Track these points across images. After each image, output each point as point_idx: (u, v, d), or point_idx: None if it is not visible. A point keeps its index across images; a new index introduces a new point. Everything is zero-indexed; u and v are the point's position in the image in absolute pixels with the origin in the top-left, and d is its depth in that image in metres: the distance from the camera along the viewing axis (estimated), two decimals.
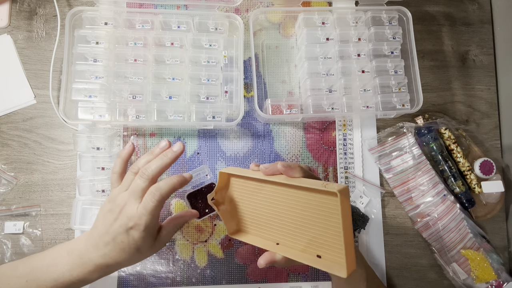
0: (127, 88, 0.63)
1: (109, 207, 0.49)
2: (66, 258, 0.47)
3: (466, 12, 0.78)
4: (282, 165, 0.43)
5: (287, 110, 0.65)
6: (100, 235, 0.47)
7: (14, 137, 0.67)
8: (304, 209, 0.43)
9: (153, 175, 0.48)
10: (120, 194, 0.49)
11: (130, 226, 0.46)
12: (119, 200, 0.48)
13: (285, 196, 0.45)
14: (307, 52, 0.67)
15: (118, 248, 0.46)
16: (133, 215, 0.46)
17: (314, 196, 0.41)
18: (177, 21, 0.65)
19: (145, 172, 0.48)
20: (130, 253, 0.47)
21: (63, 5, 0.71)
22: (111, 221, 0.47)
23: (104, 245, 0.47)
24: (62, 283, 0.46)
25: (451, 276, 0.66)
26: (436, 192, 0.67)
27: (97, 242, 0.47)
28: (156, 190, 0.47)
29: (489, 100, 0.75)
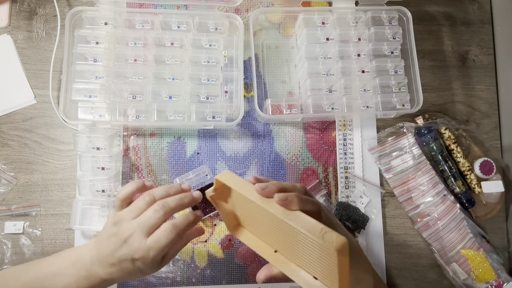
0: (127, 88, 0.63)
1: (114, 231, 0.46)
2: (71, 268, 0.47)
3: (466, 12, 0.78)
4: (278, 196, 0.39)
5: (287, 110, 0.65)
6: (105, 256, 0.46)
7: (14, 137, 0.67)
8: (303, 244, 0.40)
9: (171, 213, 0.46)
10: (126, 222, 0.45)
11: (135, 258, 0.44)
12: (124, 227, 0.45)
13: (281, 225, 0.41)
14: (307, 52, 0.67)
15: (123, 271, 0.46)
16: (138, 249, 0.44)
17: (312, 241, 0.38)
18: (177, 21, 0.66)
19: (163, 207, 0.45)
20: (135, 275, 0.47)
21: (63, 5, 0.71)
22: (116, 247, 0.45)
23: (110, 266, 0.46)
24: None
25: (451, 276, 0.66)
26: (436, 192, 0.67)
27: (103, 261, 0.46)
28: (173, 228, 0.44)
29: (489, 100, 0.75)
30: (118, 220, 0.46)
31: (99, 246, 0.47)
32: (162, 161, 0.68)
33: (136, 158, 0.67)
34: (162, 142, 0.68)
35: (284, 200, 0.39)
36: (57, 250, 0.64)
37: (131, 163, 0.67)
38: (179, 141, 0.69)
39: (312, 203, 0.42)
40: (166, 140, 0.68)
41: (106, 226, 0.48)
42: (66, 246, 0.64)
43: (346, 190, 0.69)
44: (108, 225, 0.47)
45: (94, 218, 0.63)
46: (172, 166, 0.68)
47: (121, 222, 0.46)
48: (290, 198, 0.40)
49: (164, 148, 0.68)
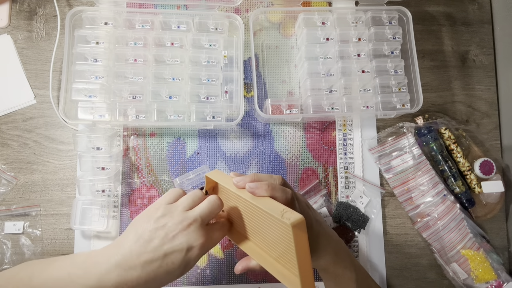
0: (127, 88, 0.63)
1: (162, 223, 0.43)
2: (82, 277, 0.41)
3: (466, 12, 0.78)
4: (249, 185, 0.42)
5: (287, 110, 0.65)
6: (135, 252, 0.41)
7: (14, 137, 0.67)
8: (270, 228, 0.42)
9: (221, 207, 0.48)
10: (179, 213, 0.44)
11: (193, 246, 0.42)
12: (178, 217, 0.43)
13: (255, 212, 0.44)
14: (307, 52, 0.67)
15: (164, 270, 0.41)
16: (200, 236, 0.43)
17: (275, 220, 0.40)
18: (177, 21, 0.65)
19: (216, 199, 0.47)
20: (173, 276, 0.42)
21: (63, 5, 0.71)
22: (165, 239, 0.42)
23: (142, 266, 0.41)
24: None
25: (451, 276, 0.66)
26: (436, 192, 0.67)
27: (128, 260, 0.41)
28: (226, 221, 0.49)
29: (489, 100, 0.75)
30: (168, 211, 0.44)
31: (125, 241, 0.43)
32: (162, 161, 0.68)
33: (136, 158, 0.67)
34: (162, 142, 0.68)
35: (254, 187, 0.43)
36: (57, 250, 0.64)
37: (131, 163, 0.67)
38: (179, 141, 0.69)
39: (284, 191, 0.44)
40: (166, 140, 0.68)
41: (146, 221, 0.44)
42: (66, 246, 0.64)
43: (346, 190, 0.69)
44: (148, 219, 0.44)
45: (94, 218, 0.63)
46: (172, 166, 0.68)
47: (172, 213, 0.44)
48: (259, 185, 0.43)
49: (164, 148, 0.68)
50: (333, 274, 0.50)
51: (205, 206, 0.45)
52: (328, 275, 0.51)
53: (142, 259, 0.41)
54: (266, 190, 0.43)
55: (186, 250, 0.42)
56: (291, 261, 0.41)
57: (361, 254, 0.67)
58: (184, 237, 0.42)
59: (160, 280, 0.42)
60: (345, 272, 0.50)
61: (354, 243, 0.67)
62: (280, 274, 0.43)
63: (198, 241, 0.43)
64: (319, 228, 0.48)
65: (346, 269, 0.51)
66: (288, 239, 0.39)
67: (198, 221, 0.44)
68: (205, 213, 0.45)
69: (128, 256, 0.41)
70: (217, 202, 0.47)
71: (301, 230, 0.38)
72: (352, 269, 0.51)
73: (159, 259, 0.41)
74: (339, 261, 0.50)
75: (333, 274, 0.50)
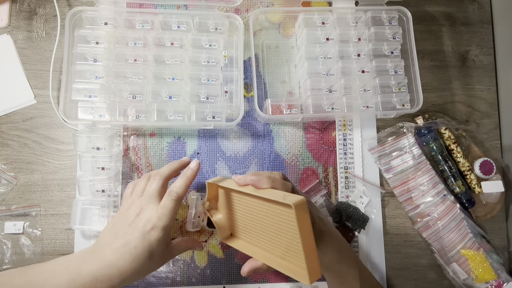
0: (127, 88, 0.63)
1: (121, 215, 0.48)
2: (63, 272, 0.44)
3: (466, 12, 0.78)
4: (251, 178, 0.44)
5: (287, 110, 0.65)
6: (106, 243, 0.45)
7: (14, 137, 0.67)
8: (273, 219, 0.43)
9: (166, 175, 0.49)
10: (135, 201, 0.48)
11: (149, 228, 0.45)
12: (135, 206, 0.48)
13: (258, 206, 0.45)
14: (307, 52, 0.67)
15: (129, 255, 0.44)
16: (151, 217, 0.46)
17: (277, 207, 0.42)
18: (177, 21, 0.65)
19: (157, 173, 0.49)
20: (140, 261, 0.45)
21: (63, 5, 0.71)
22: (124, 227, 0.46)
23: (112, 253, 0.44)
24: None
25: (451, 276, 0.66)
26: (436, 192, 0.67)
27: (101, 251, 0.45)
28: (172, 190, 0.48)
29: (489, 100, 0.75)
30: (126, 206, 0.49)
31: (100, 238, 0.48)
32: (162, 161, 0.68)
33: (136, 158, 0.67)
34: (162, 142, 0.68)
35: (255, 180, 0.44)
36: (57, 250, 0.64)
37: (131, 163, 0.67)
38: (179, 141, 0.69)
39: (284, 184, 0.46)
40: (166, 140, 0.68)
41: (112, 219, 0.50)
42: (66, 246, 0.64)
43: (346, 190, 0.69)
44: (113, 218, 0.50)
45: (94, 218, 0.63)
46: None
47: (128, 205, 0.49)
48: (261, 178, 0.44)
49: (164, 148, 0.68)
50: (337, 273, 0.50)
51: (148, 188, 0.49)
52: (332, 274, 0.51)
53: (112, 248, 0.45)
54: (267, 182, 0.44)
55: (141, 236, 0.45)
56: (297, 253, 0.41)
57: (361, 254, 0.67)
58: (137, 222, 0.46)
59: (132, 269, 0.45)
60: (349, 271, 0.50)
61: (354, 243, 0.67)
62: (286, 269, 0.43)
63: (150, 223, 0.45)
64: (322, 226, 0.48)
65: (350, 268, 0.50)
66: (291, 225, 0.40)
67: (146, 203, 0.47)
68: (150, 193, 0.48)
69: (100, 248, 0.46)
70: (157, 178, 0.50)
71: (303, 211, 0.38)
72: (356, 268, 0.51)
73: (123, 245, 0.45)
74: (343, 260, 0.50)
75: (337, 273, 0.50)
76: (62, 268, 0.45)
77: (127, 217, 0.47)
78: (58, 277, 0.44)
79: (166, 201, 0.47)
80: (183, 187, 0.49)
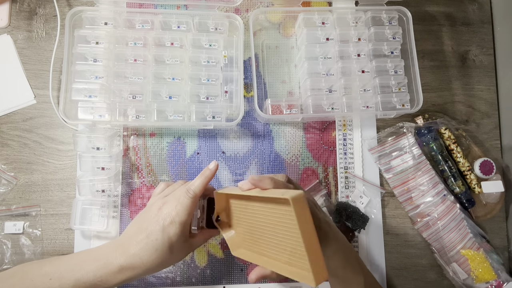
0: (127, 88, 0.63)
1: (146, 210, 0.51)
2: (92, 260, 0.48)
3: (466, 12, 0.78)
4: (253, 178, 0.45)
5: (287, 110, 0.65)
6: (132, 235, 0.48)
7: (14, 137, 0.67)
8: (277, 222, 0.43)
9: (199, 194, 0.50)
10: (160, 199, 0.51)
11: (168, 222, 0.47)
12: (158, 202, 0.50)
13: (263, 211, 0.45)
14: (307, 52, 0.67)
15: (151, 246, 0.47)
16: (171, 212, 0.48)
17: (279, 208, 0.41)
18: (177, 21, 0.65)
19: (192, 190, 0.50)
20: (162, 252, 0.47)
21: (63, 5, 0.71)
22: (147, 221, 0.49)
23: (136, 244, 0.47)
24: (84, 282, 0.46)
25: (451, 276, 0.66)
26: (436, 192, 0.67)
27: (127, 242, 0.48)
28: (190, 188, 0.50)
29: (489, 100, 0.75)
30: (151, 203, 0.53)
31: (126, 231, 0.51)
32: (162, 161, 0.68)
33: (136, 158, 0.67)
34: (162, 142, 0.68)
35: (257, 180, 0.45)
36: (57, 250, 0.64)
37: (131, 163, 0.67)
38: (179, 141, 0.69)
39: (287, 186, 0.47)
40: (166, 140, 0.68)
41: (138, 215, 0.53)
42: (66, 246, 0.64)
43: (346, 190, 0.69)
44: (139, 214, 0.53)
45: (94, 218, 0.63)
46: (172, 166, 0.68)
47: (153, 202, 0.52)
48: (263, 178, 0.45)
49: (164, 148, 0.68)
50: (342, 279, 0.50)
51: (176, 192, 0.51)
52: (337, 280, 0.50)
53: (136, 239, 0.48)
54: (269, 183, 0.44)
55: (161, 229, 0.47)
56: (301, 255, 0.39)
57: (361, 254, 0.67)
58: (157, 216, 0.48)
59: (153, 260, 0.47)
60: (354, 277, 0.50)
61: (354, 243, 0.67)
62: (293, 274, 0.42)
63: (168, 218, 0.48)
64: (328, 229, 0.48)
65: (355, 274, 0.50)
66: (292, 225, 0.38)
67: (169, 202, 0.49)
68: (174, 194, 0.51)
69: (127, 239, 0.49)
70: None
71: (301, 205, 0.37)
72: (361, 275, 0.51)
73: (145, 237, 0.47)
74: (348, 266, 0.49)
75: (342, 279, 0.50)
76: (92, 257, 0.48)
77: (151, 211, 0.50)
78: (87, 264, 0.47)
79: (183, 199, 0.49)
80: (200, 186, 0.50)
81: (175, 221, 0.48)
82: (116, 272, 0.47)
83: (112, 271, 0.47)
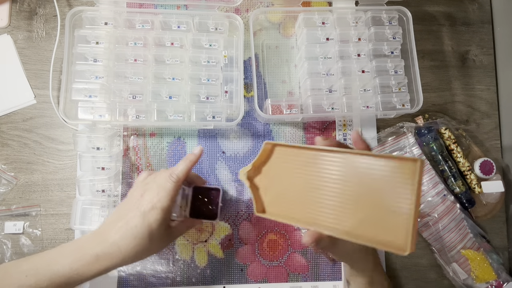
0: (127, 88, 0.63)
1: (127, 198, 0.50)
2: (68, 252, 0.46)
3: (466, 12, 0.78)
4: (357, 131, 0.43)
5: (287, 110, 0.65)
6: (110, 223, 0.47)
7: (14, 137, 0.67)
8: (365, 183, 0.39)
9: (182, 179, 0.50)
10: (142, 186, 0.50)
11: (148, 208, 0.46)
12: (140, 189, 0.49)
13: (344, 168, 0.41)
14: (307, 52, 0.67)
15: (129, 234, 0.45)
16: (152, 197, 0.47)
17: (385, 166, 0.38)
18: (177, 21, 0.65)
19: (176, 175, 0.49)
20: (141, 240, 0.45)
21: (63, 5, 0.71)
22: (127, 208, 0.47)
23: (115, 232, 0.46)
24: (59, 276, 0.44)
25: (451, 276, 0.66)
26: (436, 192, 0.67)
27: (105, 230, 0.47)
28: (173, 172, 0.49)
29: (489, 100, 0.75)
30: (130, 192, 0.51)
31: (105, 220, 0.50)
32: (162, 161, 0.68)
33: (136, 158, 0.67)
34: (162, 142, 0.68)
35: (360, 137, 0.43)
36: None
37: (131, 163, 0.67)
38: (179, 141, 0.69)
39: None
40: (166, 140, 0.68)
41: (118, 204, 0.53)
42: None
43: None
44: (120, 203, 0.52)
45: (94, 218, 0.63)
46: (172, 166, 0.67)
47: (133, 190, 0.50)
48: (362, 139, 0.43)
49: (164, 148, 0.68)
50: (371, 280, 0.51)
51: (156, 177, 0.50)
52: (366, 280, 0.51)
53: (115, 227, 0.46)
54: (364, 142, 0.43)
55: (141, 215, 0.46)
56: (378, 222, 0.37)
57: None
58: (138, 202, 0.47)
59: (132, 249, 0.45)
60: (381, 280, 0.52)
61: None
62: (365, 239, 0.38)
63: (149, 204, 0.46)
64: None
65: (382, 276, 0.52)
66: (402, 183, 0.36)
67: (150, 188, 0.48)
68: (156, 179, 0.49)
69: (105, 228, 0.47)
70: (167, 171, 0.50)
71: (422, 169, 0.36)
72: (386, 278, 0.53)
73: (124, 224, 0.46)
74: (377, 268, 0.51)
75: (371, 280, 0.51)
76: (68, 250, 0.47)
77: (132, 198, 0.48)
78: (63, 257, 0.46)
79: (166, 183, 0.48)
80: (184, 170, 0.50)
81: (157, 206, 0.46)
82: (93, 263, 0.45)
83: (88, 262, 0.45)
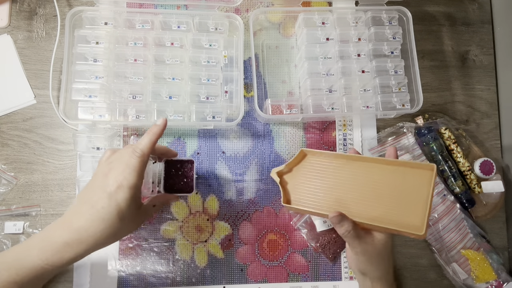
0: (127, 88, 0.63)
1: (92, 180, 0.47)
2: (37, 243, 0.44)
3: (466, 12, 0.78)
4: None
5: (287, 110, 0.65)
6: (76, 208, 0.45)
7: (14, 137, 0.67)
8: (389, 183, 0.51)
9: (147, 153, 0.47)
10: (106, 166, 0.47)
11: (115, 188, 0.43)
12: (104, 169, 0.46)
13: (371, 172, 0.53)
14: (307, 52, 0.67)
15: (97, 217, 0.43)
16: (117, 176, 0.44)
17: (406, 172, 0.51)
18: (177, 21, 0.66)
19: (140, 150, 0.46)
20: (110, 221, 0.43)
21: (63, 5, 0.71)
22: (92, 190, 0.45)
23: (81, 216, 0.43)
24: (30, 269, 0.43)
25: (451, 276, 0.66)
26: (436, 192, 0.67)
27: (71, 216, 0.44)
28: (137, 147, 0.46)
29: (489, 100, 0.75)
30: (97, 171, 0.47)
31: (70, 208, 0.46)
32: None
33: None
34: (162, 142, 0.68)
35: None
36: None
37: None
38: (179, 141, 0.69)
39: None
40: (166, 140, 0.68)
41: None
42: None
43: None
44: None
45: None
46: None
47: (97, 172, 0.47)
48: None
49: None
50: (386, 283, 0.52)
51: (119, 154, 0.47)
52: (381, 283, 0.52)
53: (80, 212, 0.44)
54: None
55: (108, 196, 0.43)
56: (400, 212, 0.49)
57: None
58: (103, 182, 0.44)
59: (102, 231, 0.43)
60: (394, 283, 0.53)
61: None
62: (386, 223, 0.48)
63: (115, 183, 0.44)
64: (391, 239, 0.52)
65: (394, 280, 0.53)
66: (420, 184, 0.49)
67: (114, 167, 0.45)
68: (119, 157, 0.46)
69: (70, 213, 0.45)
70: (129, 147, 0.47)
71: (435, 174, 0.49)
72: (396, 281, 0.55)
73: (90, 207, 0.43)
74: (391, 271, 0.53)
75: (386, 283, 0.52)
76: (36, 241, 0.44)
77: (96, 179, 0.46)
78: (32, 249, 0.43)
79: (130, 160, 0.45)
80: (148, 144, 0.47)
81: (123, 185, 0.44)
82: (63, 251, 0.43)
83: (58, 250, 0.43)
